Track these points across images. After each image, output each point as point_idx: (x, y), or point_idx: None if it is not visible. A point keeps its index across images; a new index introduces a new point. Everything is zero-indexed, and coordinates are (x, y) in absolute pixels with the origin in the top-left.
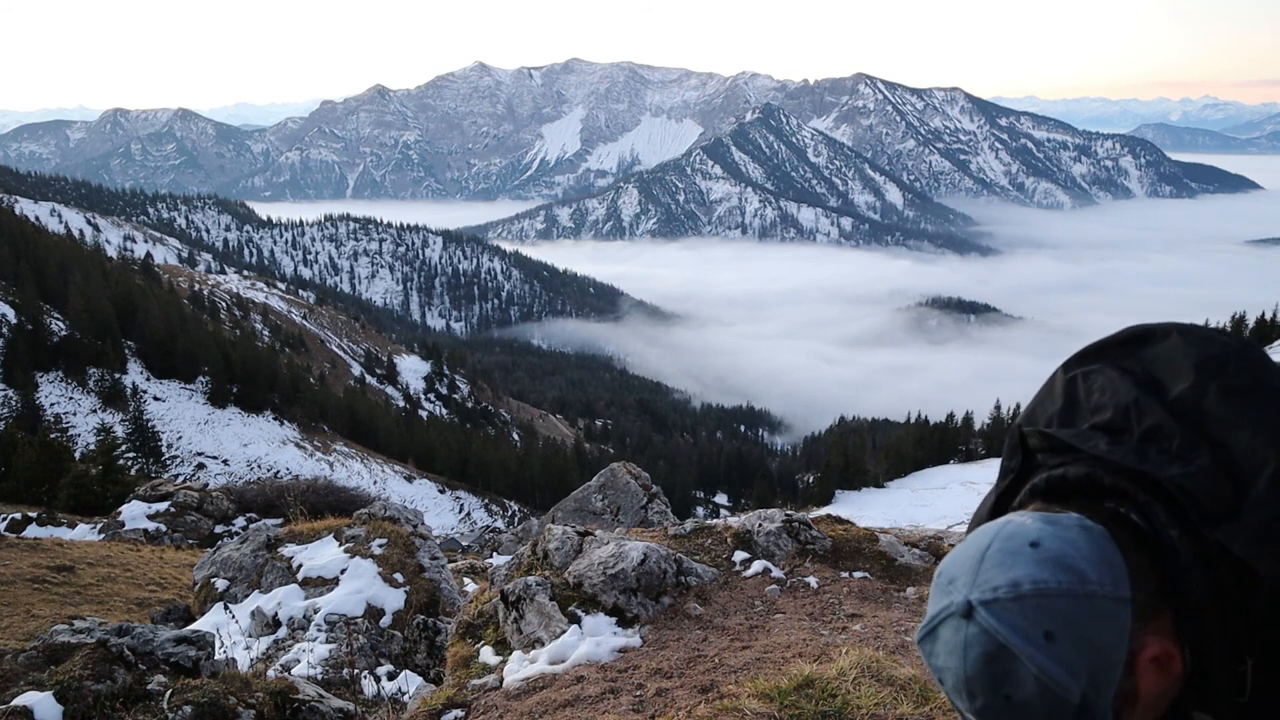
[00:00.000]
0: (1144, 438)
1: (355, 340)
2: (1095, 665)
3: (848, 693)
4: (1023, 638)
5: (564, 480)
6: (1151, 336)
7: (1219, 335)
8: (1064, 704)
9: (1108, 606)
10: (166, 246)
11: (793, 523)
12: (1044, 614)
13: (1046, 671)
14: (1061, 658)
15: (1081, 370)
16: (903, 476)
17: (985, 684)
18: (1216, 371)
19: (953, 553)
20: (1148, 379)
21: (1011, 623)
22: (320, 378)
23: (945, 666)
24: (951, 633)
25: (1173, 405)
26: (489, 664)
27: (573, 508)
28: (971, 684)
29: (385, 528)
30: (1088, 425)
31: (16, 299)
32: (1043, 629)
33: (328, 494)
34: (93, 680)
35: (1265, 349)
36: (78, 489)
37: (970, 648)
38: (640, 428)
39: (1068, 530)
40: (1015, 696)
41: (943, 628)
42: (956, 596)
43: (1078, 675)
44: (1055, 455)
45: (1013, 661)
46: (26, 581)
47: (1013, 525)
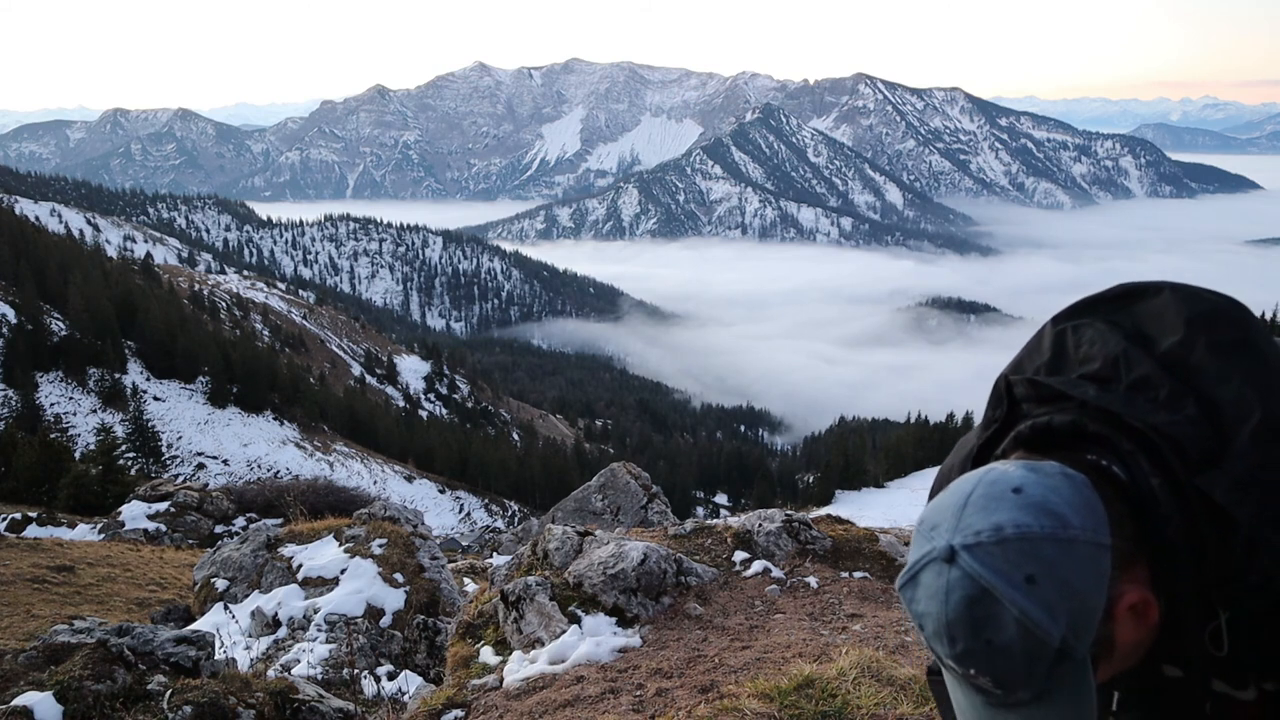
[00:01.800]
0: (1132, 387)
1: (355, 340)
2: (1076, 610)
3: (848, 693)
4: (1005, 581)
5: (564, 480)
6: (1143, 293)
7: (1209, 293)
8: (1044, 648)
9: (1089, 552)
10: (166, 246)
11: (793, 523)
12: (1026, 558)
13: (1028, 615)
14: (1043, 601)
15: (1071, 324)
16: (903, 476)
17: (966, 628)
18: (1206, 327)
19: (935, 500)
20: (1137, 333)
21: (994, 566)
22: (320, 378)
23: (926, 612)
24: (933, 577)
25: (1161, 358)
26: (489, 664)
27: (573, 508)
28: (953, 628)
29: (385, 528)
30: (1076, 375)
31: (16, 299)
32: (1025, 572)
33: (328, 494)
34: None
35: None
36: (78, 489)
37: (952, 591)
38: (640, 428)
39: (1050, 477)
40: (996, 640)
41: (924, 573)
42: (939, 542)
43: (1058, 620)
44: (1041, 405)
45: (994, 605)
46: (26, 581)
47: (995, 472)
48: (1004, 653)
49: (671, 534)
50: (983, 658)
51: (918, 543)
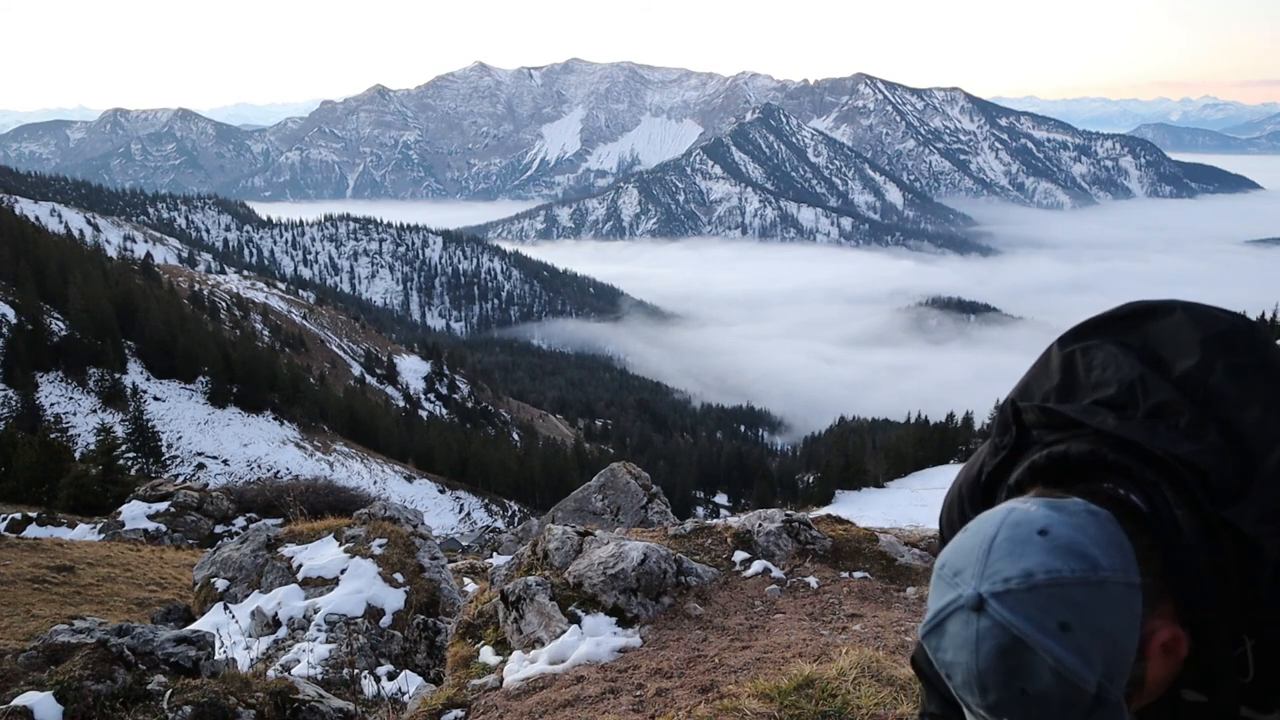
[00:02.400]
0: (1150, 414)
1: (355, 340)
2: (1110, 654)
3: (848, 693)
4: (1038, 629)
5: (564, 480)
6: (1154, 312)
7: (1224, 313)
8: (1081, 694)
9: (1120, 593)
10: (166, 246)
11: (793, 523)
12: (1058, 604)
13: (1063, 663)
14: (1077, 648)
15: (1080, 345)
16: (903, 476)
17: (999, 678)
18: (1223, 349)
19: (954, 543)
20: (1150, 355)
21: (1026, 614)
22: (320, 378)
23: (955, 661)
24: (961, 626)
25: (1179, 382)
26: (489, 664)
27: (573, 508)
28: (985, 679)
29: (385, 528)
30: (1089, 401)
31: (16, 299)
32: (1058, 619)
33: (328, 494)
34: (93, 680)
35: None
36: (78, 489)
37: (983, 641)
38: (640, 428)
39: (1075, 516)
40: (1031, 689)
41: (950, 621)
42: (965, 589)
43: (1094, 665)
44: (1052, 432)
45: (1028, 654)
46: (26, 581)
47: (1018, 513)
48: (1039, 702)
49: (671, 534)
50: (1017, 708)
51: (939, 589)
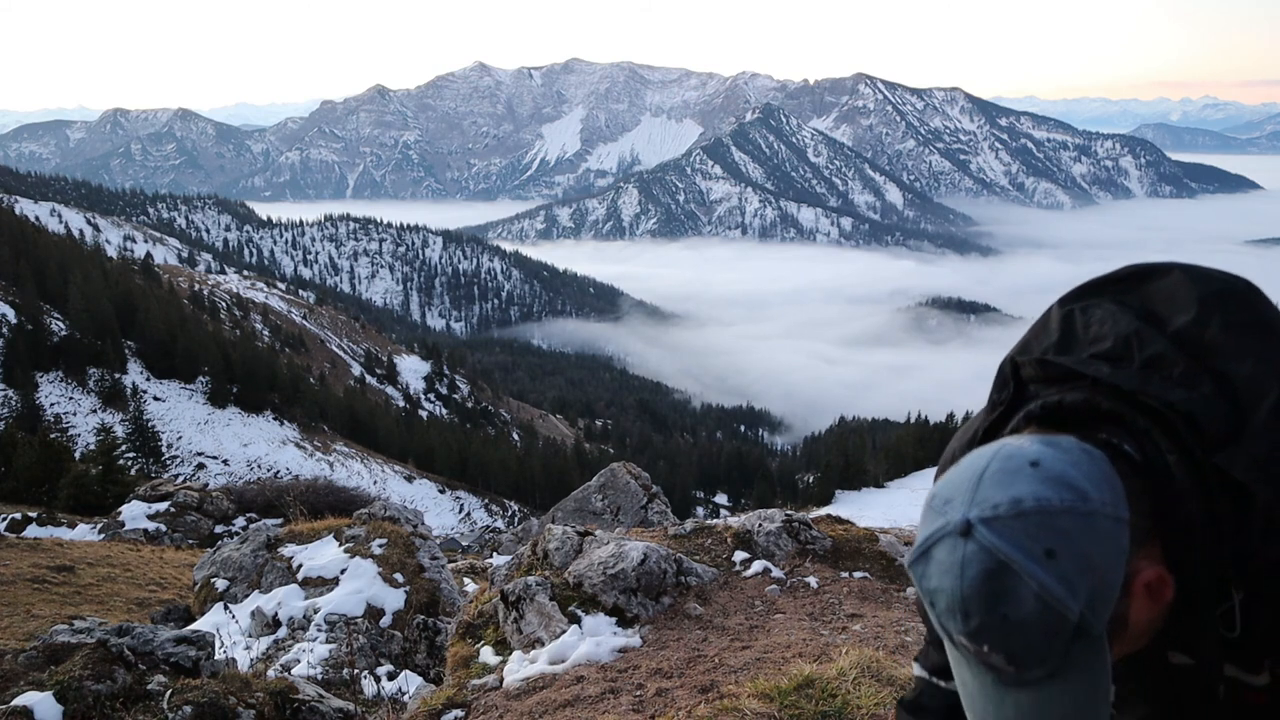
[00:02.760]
0: (1146, 365)
1: (355, 340)
2: (1095, 585)
3: (848, 693)
4: (1024, 554)
5: (564, 480)
6: (1152, 273)
7: (1219, 273)
8: (1063, 623)
9: (1109, 526)
10: (166, 246)
11: (793, 523)
12: (1046, 531)
13: (1048, 589)
14: (1062, 575)
15: (1079, 304)
16: (903, 476)
17: (982, 603)
18: (1220, 306)
19: (946, 476)
20: (1148, 312)
21: (1013, 539)
22: (320, 378)
23: (939, 588)
24: (947, 552)
25: (1174, 336)
26: (489, 664)
27: (573, 508)
28: (968, 603)
29: (385, 528)
30: (1086, 355)
31: (16, 299)
32: (1044, 546)
33: (328, 494)
34: (93, 680)
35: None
36: (78, 489)
37: (968, 566)
38: (640, 428)
39: (1068, 451)
40: (1013, 615)
41: (937, 548)
42: (953, 515)
43: (1077, 594)
44: (1049, 386)
45: (1013, 579)
46: (26, 581)
47: (1010, 446)
48: (1021, 628)
49: (671, 534)
50: (998, 634)
51: (928, 518)
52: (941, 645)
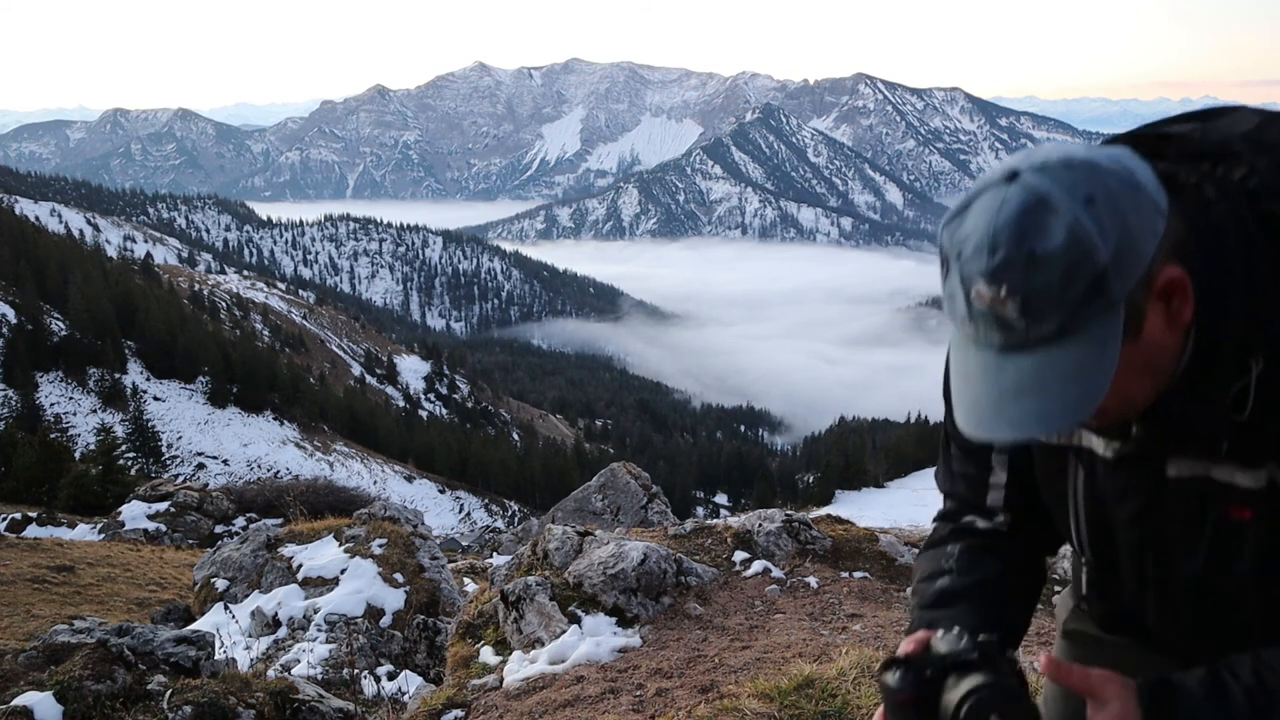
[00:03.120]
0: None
1: (355, 340)
2: (1124, 243)
3: (848, 693)
4: (1065, 192)
5: (564, 480)
6: (1224, 109)
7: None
8: (1087, 264)
9: (1149, 205)
10: (166, 246)
11: (793, 523)
12: (1090, 181)
13: (1081, 224)
14: (1097, 219)
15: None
16: (903, 476)
17: (1013, 234)
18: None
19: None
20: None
21: (1057, 180)
22: (320, 378)
23: (970, 232)
24: (988, 199)
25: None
26: (489, 664)
27: (573, 508)
28: (998, 235)
29: (385, 528)
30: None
31: (16, 299)
32: (1086, 192)
33: (328, 494)
34: (93, 680)
35: None
36: (78, 489)
37: (1007, 202)
38: (640, 428)
39: (1122, 150)
40: (1040, 250)
41: (979, 200)
42: (1001, 172)
43: (1107, 240)
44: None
45: (1048, 214)
46: (26, 581)
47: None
48: (1045, 264)
49: (671, 534)
50: (1021, 271)
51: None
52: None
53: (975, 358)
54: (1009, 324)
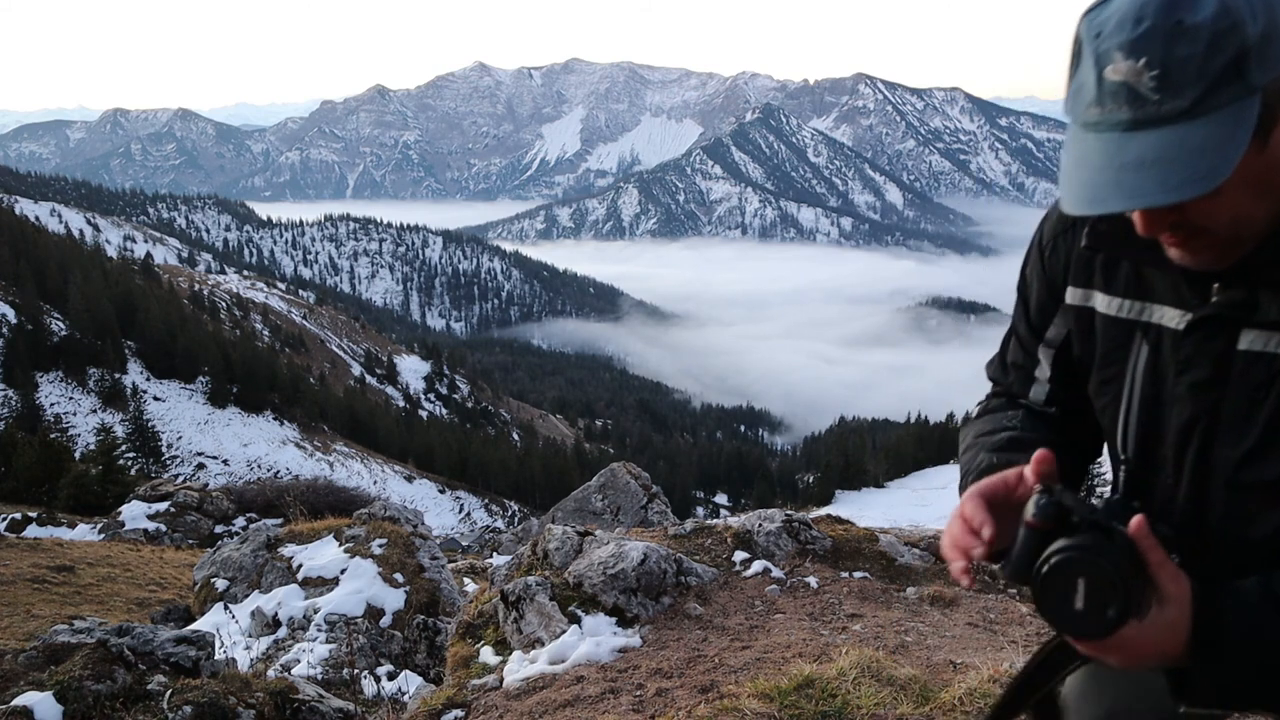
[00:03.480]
0: None
1: (355, 340)
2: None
3: (848, 693)
4: None
5: (564, 480)
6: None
7: None
8: (1233, 37)
9: None
10: (166, 246)
11: (793, 523)
12: None
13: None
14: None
15: None
16: (903, 476)
17: (1161, 5)
18: None
19: None
20: None
21: None
22: (320, 378)
23: (1112, 13)
24: None
25: None
26: (489, 664)
27: (573, 508)
28: (1145, 7)
29: (385, 528)
30: None
31: (16, 299)
32: None
33: (328, 494)
34: (93, 680)
35: None
36: (78, 489)
37: None
38: (640, 428)
39: None
40: (1188, 20)
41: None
42: None
43: (1257, 18)
44: None
45: None
46: (26, 581)
47: None
48: (1191, 34)
49: (671, 534)
50: (1163, 40)
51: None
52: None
53: (1095, 142)
54: (1141, 98)
